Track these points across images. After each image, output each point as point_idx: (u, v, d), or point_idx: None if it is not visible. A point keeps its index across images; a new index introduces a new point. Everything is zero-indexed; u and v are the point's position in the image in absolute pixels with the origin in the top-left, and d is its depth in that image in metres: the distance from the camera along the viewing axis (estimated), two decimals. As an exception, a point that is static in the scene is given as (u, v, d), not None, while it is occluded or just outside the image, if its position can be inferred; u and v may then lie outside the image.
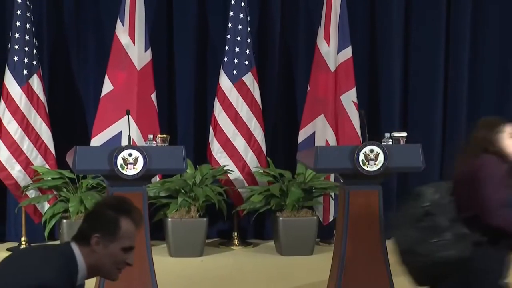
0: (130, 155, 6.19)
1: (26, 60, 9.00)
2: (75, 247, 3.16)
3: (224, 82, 9.36)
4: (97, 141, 9.01)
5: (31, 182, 9.04)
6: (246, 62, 9.37)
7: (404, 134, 6.73)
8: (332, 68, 9.39)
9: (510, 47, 10.05)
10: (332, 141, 9.30)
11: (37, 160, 9.08)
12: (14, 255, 3.26)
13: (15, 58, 8.98)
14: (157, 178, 8.98)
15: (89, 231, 3.17)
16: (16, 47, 8.97)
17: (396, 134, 6.67)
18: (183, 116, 9.83)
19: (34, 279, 3.00)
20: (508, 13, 10.04)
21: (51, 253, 3.19)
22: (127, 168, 6.16)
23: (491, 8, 10.07)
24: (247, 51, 9.36)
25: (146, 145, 6.69)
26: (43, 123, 9.10)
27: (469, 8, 10.02)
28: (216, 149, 9.36)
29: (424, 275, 4.66)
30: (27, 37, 8.99)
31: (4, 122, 8.98)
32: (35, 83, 9.07)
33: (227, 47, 9.36)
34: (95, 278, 6.23)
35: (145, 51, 9.23)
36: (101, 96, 9.16)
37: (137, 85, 9.15)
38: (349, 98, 9.39)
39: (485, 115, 9.96)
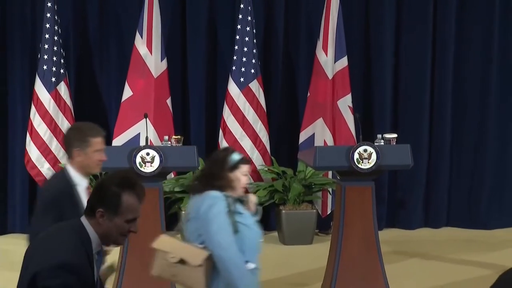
0: (147, 154, 6.19)
1: (54, 68, 9.02)
2: (84, 220, 3.16)
3: (233, 88, 9.36)
4: (118, 141, 9.02)
5: (59, 178, 9.04)
6: (252, 71, 9.37)
7: (395, 135, 6.72)
8: (330, 76, 9.39)
9: (490, 57, 10.03)
10: (330, 142, 9.29)
11: (64, 159, 9.08)
12: (39, 237, 3.28)
13: (45, 67, 9.00)
14: (172, 175, 8.98)
15: (94, 206, 3.15)
16: (46, 57, 8.99)
17: (387, 135, 6.66)
18: (196, 119, 9.83)
19: (54, 258, 3.02)
20: (488, 26, 10.02)
21: (67, 231, 3.19)
22: (145, 166, 6.16)
23: (473, 22, 10.05)
24: (253, 61, 9.37)
25: (162, 145, 6.68)
26: (70, 125, 9.12)
27: (453, 22, 10.00)
28: (225, 149, 9.35)
29: None
30: (55, 48, 9.02)
31: (35, 124, 9.01)
32: (62, 89, 9.09)
33: (235, 57, 9.37)
34: (111, 284, 6.25)
35: (161, 61, 9.24)
36: (122, 101, 9.17)
37: (154, 91, 9.16)
38: (345, 103, 9.39)
39: (468, 118, 10.05)
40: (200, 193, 4.28)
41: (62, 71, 9.09)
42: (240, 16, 9.36)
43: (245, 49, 9.34)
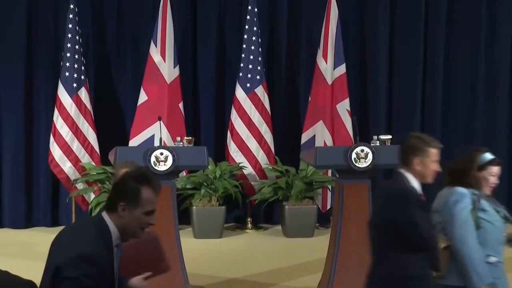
0: (161, 154, 6.18)
1: (75, 75, 9.02)
2: (105, 216, 3.14)
3: (240, 93, 9.35)
4: (134, 142, 9.02)
5: (80, 176, 9.06)
6: (258, 77, 9.36)
7: (389, 136, 6.68)
8: (329, 82, 9.37)
9: (477, 66, 10.02)
10: (329, 143, 9.27)
11: (85, 158, 9.10)
12: (62, 232, 3.27)
13: (67, 74, 9.00)
14: (183, 173, 8.98)
15: (116, 200, 3.14)
16: (67, 64, 9.00)
17: (382, 137, 6.63)
18: (205, 122, 9.83)
19: (75, 251, 3.00)
20: (475, 37, 10.01)
21: (88, 225, 3.18)
22: (159, 164, 6.15)
23: (463, 31, 10.04)
24: (259, 68, 9.36)
25: (175, 145, 6.67)
26: (90, 128, 9.12)
27: (443, 33, 9.99)
28: (232, 149, 9.35)
29: None
30: (76, 56, 9.02)
31: (58, 126, 9.01)
32: (83, 94, 9.09)
33: (242, 64, 9.36)
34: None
35: (174, 68, 9.23)
36: (138, 105, 9.17)
37: (167, 96, 9.15)
38: (344, 107, 9.37)
39: (457, 121, 10.01)
40: (448, 188, 4.24)
41: (82, 77, 9.09)
42: (247, 27, 9.36)
43: (251, 57, 9.34)
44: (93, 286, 2.97)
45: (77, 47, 9.04)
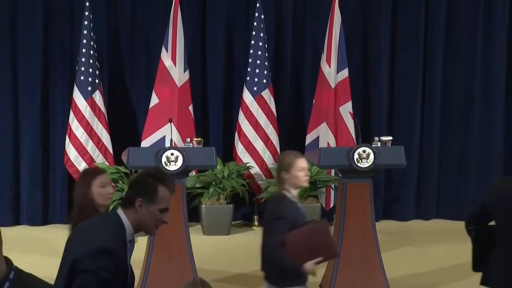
0: (172, 154, 6.19)
1: (90, 79, 9.05)
2: (120, 212, 3.15)
3: (247, 96, 9.37)
4: (146, 143, 9.04)
5: (94, 175, 9.06)
6: (264, 81, 9.37)
7: (390, 138, 6.68)
8: (333, 85, 9.38)
9: (474, 70, 10.01)
10: (333, 143, 9.28)
11: (99, 158, 9.13)
12: (78, 227, 3.28)
13: (82, 78, 9.03)
14: (193, 173, 9.00)
15: (134, 196, 3.14)
16: (82, 68, 9.03)
17: (383, 138, 6.63)
18: (214, 123, 9.84)
19: (92, 244, 3.01)
20: (472, 44, 10.01)
21: (104, 222, 3.20)
22: (169, 164, 6.16)
23: (461, 39, 10.04)
24: (265, 72, 9.37)
25: (185, 146, 6.69)
26: (103, 129, 9.15)
27: (442, 39, 9.99)
28: (240, 149, 9.37)
29: None
30: (91, 61, 9.05)
31: (73, 128, 9.04)
32: (97, 97, 9.12)
33: (249, 69, 9.38)
34: (140, 268, 6.25)
35: (184, 72, 9.26)
36: (149, 107, 9.20)
37: (177, 99, 9.17)
38: (346, 109, 9.37)
39: (455, 122, 10.00)
40: None
41: (97, 81, 9.13)
42: (254, 33, 9.38)
43: (258, 61, 9.35)
44: (109, 279, 2.98)
45: (91, 52, 9.08)
